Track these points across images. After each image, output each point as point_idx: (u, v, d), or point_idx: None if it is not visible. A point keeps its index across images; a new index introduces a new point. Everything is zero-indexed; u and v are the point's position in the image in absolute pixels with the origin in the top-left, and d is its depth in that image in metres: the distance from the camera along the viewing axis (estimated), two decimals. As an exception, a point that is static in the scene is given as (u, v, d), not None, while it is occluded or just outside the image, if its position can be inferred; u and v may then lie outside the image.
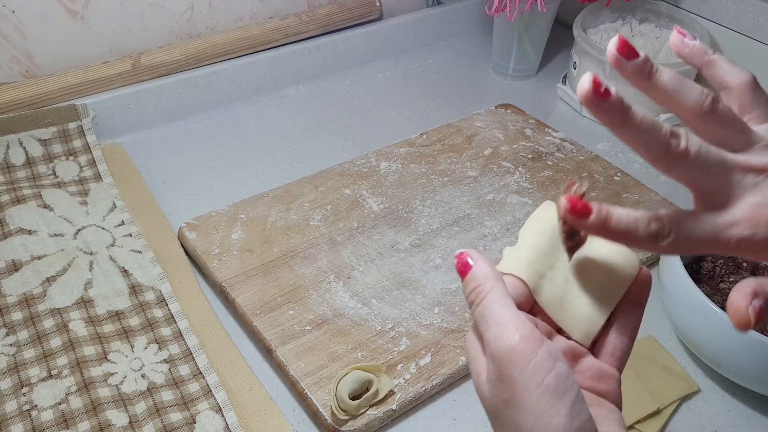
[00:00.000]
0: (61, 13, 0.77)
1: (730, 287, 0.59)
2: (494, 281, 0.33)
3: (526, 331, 0.30)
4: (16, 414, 0.51)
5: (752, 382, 0.55)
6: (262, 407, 0.54)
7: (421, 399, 0.55)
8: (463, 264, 0.34)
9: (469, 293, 0.34)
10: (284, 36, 0.91)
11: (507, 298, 0.32)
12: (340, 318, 0.59)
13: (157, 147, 0.80)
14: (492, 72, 0.98)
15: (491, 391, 0.32)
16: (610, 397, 0.34)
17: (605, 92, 0.31)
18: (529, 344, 0.30)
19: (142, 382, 0.54)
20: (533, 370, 0.30)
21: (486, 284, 0.33)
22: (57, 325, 0.56)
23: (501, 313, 0.31)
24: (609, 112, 0.31)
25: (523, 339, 0.30)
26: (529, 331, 0.31)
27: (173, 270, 0.63)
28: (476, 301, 0.33)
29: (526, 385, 0.30)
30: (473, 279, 0.34)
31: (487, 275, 0.33)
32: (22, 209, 0.66)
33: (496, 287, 0.33)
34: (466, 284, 0.34)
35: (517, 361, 0.30)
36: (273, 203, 0.71)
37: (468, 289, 0.34)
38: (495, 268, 0.34)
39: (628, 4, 0.93)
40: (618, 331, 0.35)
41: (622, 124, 0.31)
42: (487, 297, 0.32)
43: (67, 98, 0.78)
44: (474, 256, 0.34)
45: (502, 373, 0.30)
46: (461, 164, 0.78)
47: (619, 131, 0.32)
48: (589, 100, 0.31)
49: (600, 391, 0.34)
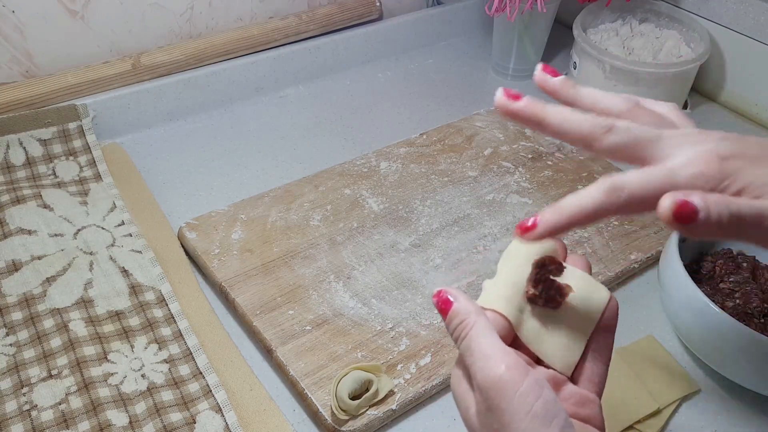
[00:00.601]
0: (61, 13, 0.77)
1: (730, 287, 0.59)
2: (476, 315, 0.34)
3: (511, 361, 0.31)
4: (16, 414, 0.51)
5: (752, 382, 0.55)
6: (262, 407, 0.54)
7: (421, 399, 0.55)
8: (444, 301, 0.35)
9: (453, 329, 0.34)
10: (284, 36, 0.91)
11: (491, 331, 0.33)
12: (340, 318, 0.59)
13: (157, 147, 0.80)
14: (492, 72, 0.98)
15: (481, 423, 0.32)
16: (593, 422, 0.35)
17: (515, 96, 0.35)
18: (515, 373, 0.31)
19: (142, 382, 0.54)
20: (521, 399, 0.30)
21: (469, 319, 0.34)
22: (57, 325, 0.56)
23: (486, 345, 0.32)
24: (521, 113, 0.35)
25: (508, 368, 0.31)
26: (513, 360, 0.31)
27: (173, 270, 0.63)
28: (461, 335, 0.34)
29: (516, 413, 0.30)
30: (456, 314, 0.34)
31: (469, 310, 0.34)
32: (22, 209, 0.66)
33: (479, 321, 0.34)
34: (450, 320, 0.35)
35: (505, 390, 0.31)
36: (273, 203, 0.71)
37: (452, 325, 0.34)
38: (476, 303, 0.35)
39: (628, 4, 0.93)
40: (593, 357, 0.37)
41: (541, 119, 0.35)
42: (472, 330, 0.33)
43: (67, 98, 0.78)
44: (453, 293, 0.35)
45: (491, 404, 0.31)
46: (461, 164, 0.78)
47: (542, 128, 0.35)
48: (503, 105, 0.35)
49: (583, 416, 0.35)
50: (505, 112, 0.35)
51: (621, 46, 0.89)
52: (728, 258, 0.62)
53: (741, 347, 0.53)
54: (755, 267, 0.62)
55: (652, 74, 0.82)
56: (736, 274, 0.60)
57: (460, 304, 0.35)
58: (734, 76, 0.92)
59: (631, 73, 0.83)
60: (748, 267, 0.61)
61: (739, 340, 0.53)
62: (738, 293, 0.58)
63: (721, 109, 0.94)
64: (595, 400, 0.36)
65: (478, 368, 0.32)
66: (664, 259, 0.59)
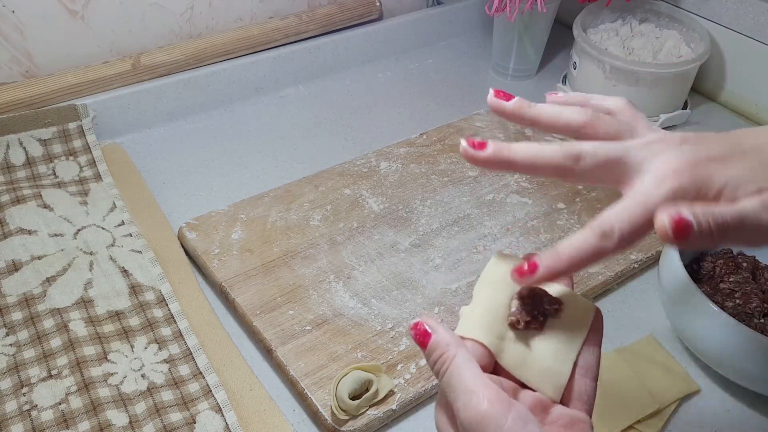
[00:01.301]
0: (61, 13, 0.77)
1: (730, 287, 0.59)
2: (456, 347, 0.33)
3: (493, 395, 0.31)
4: (16, 414, 0.51)
5: (752, 382, 0.55)
6: (262, 407, 0.54)
7: (421, 399, 0.55)
8: (422, 333, 0.34)
9: (433, 363, 0.34)
10: (284, 36, 0.91)
11: (471, 363, 0.33)
12: (340, 318, 0.59)
13: (157, 147, 0.80)
14: (492, 72, 0.98)
15: None
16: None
17: (480, 144, 0.35)
18: (498, 409, 0.30)
19: (142, 382, 0.54)
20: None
21: (449, 351, 0.33)
22: (57, 325, 0.56)
23: (467, 379, 0.32)
24: (490, 162, 0.35)
25: (491, 404, 0.30)
26: (495, 395, 0.31)
27: (173, 270, 0.63)
28: (441, 370, 0.33)
29: None
30: (435, 347, 0.34)
31: (449, 342, 0.33)
32: (22, 209, 0.66)
33: (459, 353, 0.33)
34: (429, 354, 0.34)
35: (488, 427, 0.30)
36: (273, 203, 0.71)
37: (432, 358, 0.34)
38: (455, 334, 0.34)
39: (628, 4, 0.93)
40: (581, 374, 0.35)
41: (510, 163, 0.35)
42: (452, 364, 0.33)
43: (67, 98, 0.78)
44: (431, 324, 0.34)
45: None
46: (461, 164, 0.78)
47: (512, 168, 0.35)
48: (469, 155, 0.35)
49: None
50: (473, 162, 0.36)
51: (621, 46, 0.89)
52: (728, 258, 0.62)
53: (741, 347, 0.53)
54: (755, 267, 0.62)
55: (652, 74, 0.82)
56: (736, 274, 0.60)
57: (439, 335, 0.34)
58: (734, 76, 0.92)
59: (631, 73, 0.83)
60: (748, 267, 0.61)
61: (739, 340, 0.53)
62: (738, 293, 0.58)
63: (721, 109, 0.94)
64: (585, 420, 0.34)
65: (461, 405, 0.31)
66: (664, 259, 0.59)
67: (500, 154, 0.35)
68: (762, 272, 0.61)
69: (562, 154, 0.35)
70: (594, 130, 0.37)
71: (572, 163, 0.35)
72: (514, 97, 0.38)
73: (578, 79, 0.89)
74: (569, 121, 0.37)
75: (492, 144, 0.35)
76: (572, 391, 0.35)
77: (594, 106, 0.40)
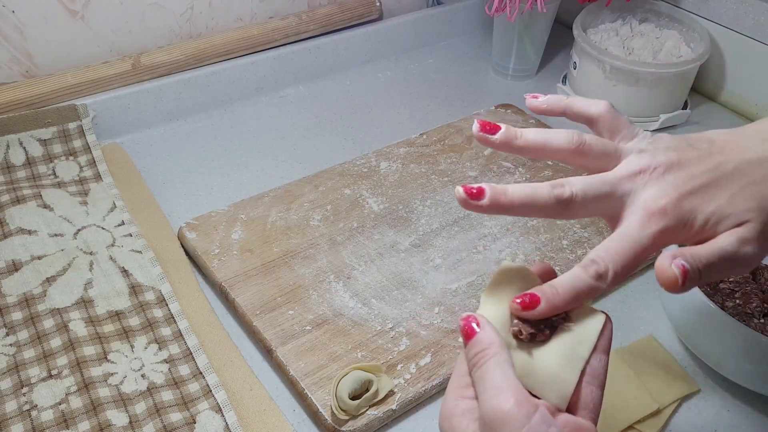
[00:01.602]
0: (61, 13, 0.77)
1: (731, 287, 0.59)
2: (498, 347, 0.34)
3: (522, 397, 0.31)
4: (16, 414, 0.51)
5: (752, 382, 0.55)
6: (262, 407, 0.54)
7: (421, 399, 0.55)
8: (470, 328, 0.35)
9: (472, 356, 0.34)
10: (284, 36, 0.91)
11: (507, 365, 0.33)
12: (340, 318, 0.59)
13: (157, 147, 0.80)
14: (492, 72, 0.98)
15: None
16: None
17: (478, 192, 0.36)
18: (523, 410, 0.31)
19: (142, 382, 0.54)
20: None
21: (490, 350, 0.34)
22: (57, 325, 0.56)
23: (500, 378, 0.32)
24: (487, 211, 0.36)
25: (518, 404, 0.31)
26: (523, 397, 0.31)
27: (173, 270, 0.63)
28: (478, 363, 0.34)
29: None
30: (478, 343, 0.35)
31: (492, 342, 0.34)
32: (22, 209, 0.66)
33: (499, 353, 0.34)
34: (471, 347, 0.35)
35: (511, 426, 0.31)
36: (273, 203, 0.71)
37: (472, 352, 0.35)
38: (500, 336, 0.35)
39: (628, 4, 0.93)
40: (588, 383, 0.35)
41: (507, 210, 0.36)
42: (490, 361, 0.33)
43: (67, 98, 0.78)
44: (482, 322, 0.35)
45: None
46: (461, 164, 0.78)
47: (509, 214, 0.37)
48: (467, 204, 0.36)
49: None
50: (470, 209, 0.37)
51: (621, 46, 0.89)
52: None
53: (741, 347, 0.53)
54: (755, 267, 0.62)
55: (652, 74, 0.82)
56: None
57: (485, 334, 0.35)
58: (734, 76, 0.92)
59: (631, 73, 0.83)
60: (748, 267, 0.61)
61: (739, 340, 0.53)
62: (738, 293, 0.58)
63: (721, 109, 0.94)
64: (590, 428, 0.34)
65: (486, 398, 0.32)
66: (664, 259, 0.59)
67: (497, 203, 0.36)
68: (762, 272, 0.61)
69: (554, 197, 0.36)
70: (582, 158, 0.39)
71: (562, 210, 0.37)
72: (500, 128, 0.39)
73: (578, 79, 0.89)
74: (558, 149, 0.39)
75: (488, 190, 0.36)
76: (579, 400, 0.35)
77: (576, 114, 0.41)
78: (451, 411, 0.35)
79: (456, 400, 0.35)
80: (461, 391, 0.35)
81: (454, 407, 0.35)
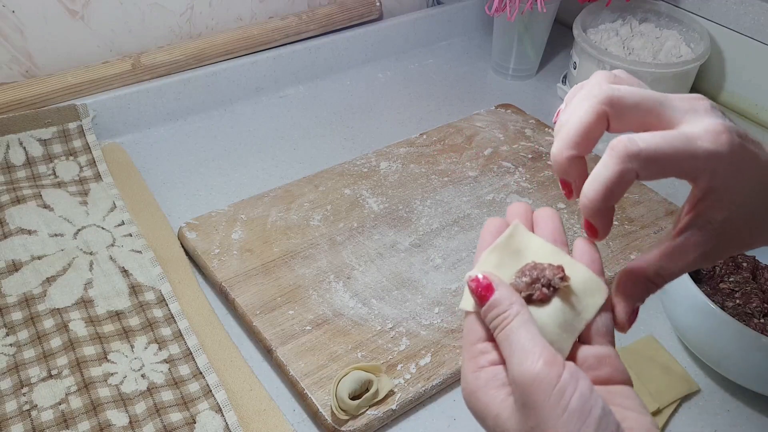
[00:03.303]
0: (61, 13, 0.77)
1: (730, 287, 0.59)
2: (520, 306, 0.33)
3: (550, 356, 0.31)
4: (16, 414, 0.51)
5: (752, 382, 0.55)
6: (262, 407, 0.54)
7: (421, 399, 0.55)
8: (485, 287, 0.34)
9: (493, 318, 0.33)
10: (284, 36, 0.91)
11: (531, 324, 0.33)
12: (340, 318, 0.59)
13: (157, 147, 0.80)
14: (492, 72, 0.98)
15: (517, 422, 0.31)
16: (615, 379, 0.34)
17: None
18: (552, 369, 0.30)
19: (142, 382, 0.54)
20: (558, 395, 0.30)
21: (512, 309, 0.33)
22: (57, 325, 0.56)
23: (526, 339, 0.32)
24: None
25: (547, 364, 0.31)
26: (552, 356, 0.31)
27: (173, 270, 0.63)
28: (501, 325, 0.33)
29: (552, 410, 0.30)
30: (498, 303, 0.33)
31: (512, 300, 0.33)
32: (22, 209, 0.66)
33: (522, 312, 0.33)
34: (490, 308, 0.33)
35: (542, 387, 0.30)
36: (273, 203, 0.71)
37: (492, 313, 0.33)
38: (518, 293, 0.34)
39: (628, 4, 0.93)
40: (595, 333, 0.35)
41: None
42: (514, 322, 0.32)
43: (67, 98, 0.78)
44: (495, 280, 0.34)
45: (527, 400, 0.31)
46: (461, 164, 0.78)
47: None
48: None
49: (604, 378, 0.34)
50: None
51: (621, 46, 0.89)
52: (728, 258, 0.62)
53: (741, 347, 0.53)
54: (755, 267, 0.62)
55: (652, 74, 0.82)
56: (736, 274, 0.60)
57: (503, 292, 0.34)
58: (734, 76, 0.92)
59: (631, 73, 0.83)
60: (748, 267, 0.61)
61: (739, 340, 0.53)
62: (738, 293, 0.58)
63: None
64: (610, 353, 0.34)
65: (515, 362, 0.31)
66: (664, 259, 0.59)
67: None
68: (762, 272, 0.61)
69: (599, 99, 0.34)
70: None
71: (608, 108, 0.34)
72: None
73: (578, 79, 0.89)
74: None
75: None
76: (591, 329, 0.35)
77: None
78: (475, 386, 0.33)
79: (474, 372, 0.34)
80: (476, 362, 0.34)
81: (476, 381, 0.33)
